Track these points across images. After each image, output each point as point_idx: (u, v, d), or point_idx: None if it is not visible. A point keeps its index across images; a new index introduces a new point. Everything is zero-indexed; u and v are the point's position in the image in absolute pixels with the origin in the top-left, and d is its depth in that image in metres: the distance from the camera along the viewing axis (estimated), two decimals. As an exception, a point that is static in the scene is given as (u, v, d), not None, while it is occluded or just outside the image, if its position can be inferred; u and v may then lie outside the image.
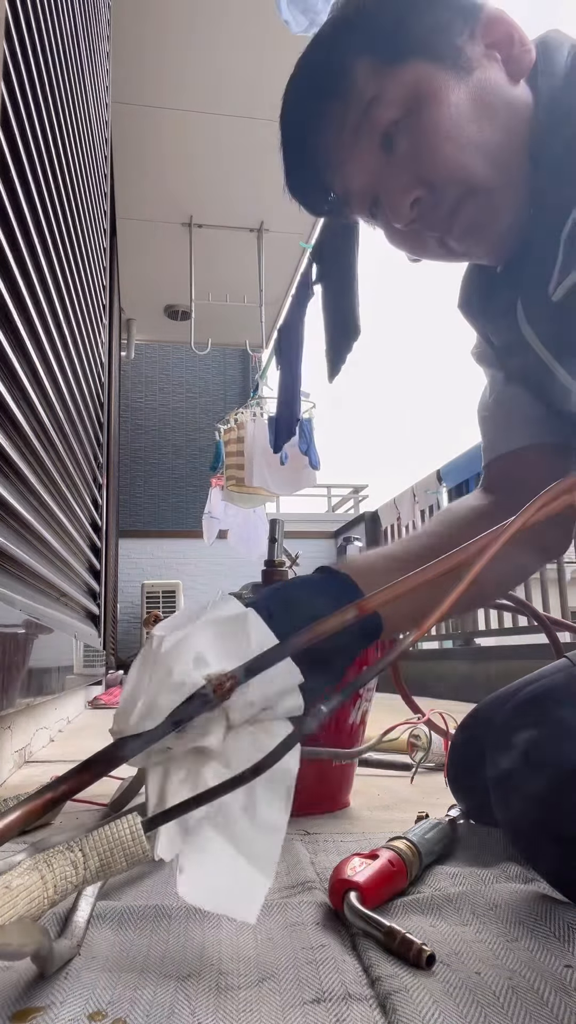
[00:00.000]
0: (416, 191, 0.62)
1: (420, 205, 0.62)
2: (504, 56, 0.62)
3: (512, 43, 0.62)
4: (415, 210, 0.63)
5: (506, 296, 0.69)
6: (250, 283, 4.42)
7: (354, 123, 0.62)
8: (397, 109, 0.61)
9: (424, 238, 0.66)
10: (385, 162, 0.63)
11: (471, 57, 0.61)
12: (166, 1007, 0.42)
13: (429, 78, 0.60)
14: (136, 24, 2.86)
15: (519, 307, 0.67)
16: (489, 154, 0.60)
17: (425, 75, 0.60)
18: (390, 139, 0.62)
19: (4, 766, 1.29)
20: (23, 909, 0.39)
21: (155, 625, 1.07)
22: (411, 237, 0.67)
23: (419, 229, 0.65)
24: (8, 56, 0.90)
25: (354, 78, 0.61)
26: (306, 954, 0.49)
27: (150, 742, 0.45)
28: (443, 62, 0.60)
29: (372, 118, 0.61)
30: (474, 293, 0.76)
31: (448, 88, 0.60)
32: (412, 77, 0.60)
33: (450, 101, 0.59)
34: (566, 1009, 0.41)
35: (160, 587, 5.64)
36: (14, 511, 1.04)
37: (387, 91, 0.61)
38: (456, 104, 0.60)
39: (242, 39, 2.96)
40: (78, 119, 1.59)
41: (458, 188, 0.61)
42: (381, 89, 0.61)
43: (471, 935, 0.51)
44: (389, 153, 0.62)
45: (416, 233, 0.66)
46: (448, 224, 0.63)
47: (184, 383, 7.31)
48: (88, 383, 1.96)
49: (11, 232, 0.97)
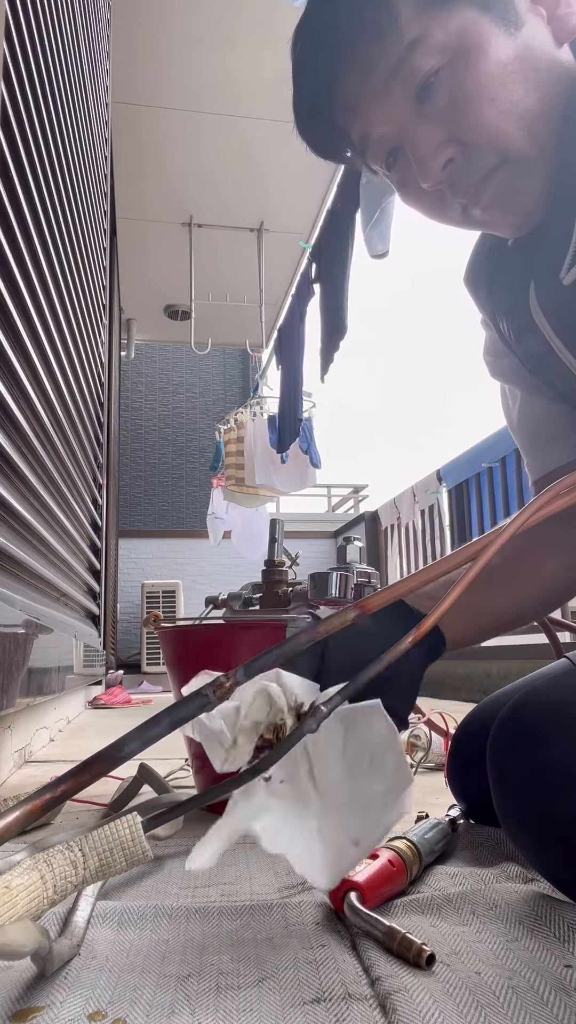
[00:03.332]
0: (450, 151, 0.57)
1: (451, 167, 0.58)
2: (549, 15, 0.58)
3: (559, 2, 0.58)
4: (446, 171, 0.58)
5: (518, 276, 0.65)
6: (250, 283, 4.42)
7: (389, 65, 0.57)
8: (439, 56, 0.56)
9: (446, 201, 0.61)
10: (417, 112, 0.58)
11: (520, 11, 0.56)
12: (166, 1007, 0.42)
13: (477, 28, 0.55)
14: (136, 24, 2.85)
15: (531, 290, 0.64)
16: (529, 122, 0.56)
17: (473, 24, 0.55)
18: (427, 89, 0.57)
19: (4, 766, 1.29)
20: (23, 909, 0.39)
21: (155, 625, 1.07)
22: (432, 199, 0.62)
23: (444, 192, 0.61)
24: (8, 56, 0.90)
25: (396, 14, 0.55)
26: (306, 954, 0.49)
27: (150, 742, 0.45)
28: (492, 12, 0.55)
29: (410, 62, 0.56)
30: (483, 268, 0.72)
31: (496, 43, 0.55)
32: (459, 24, 0.55)
33: (498, 58, 0.55)
34: (566, 1009, 0.41)
35: (160, 587, 5.64)
36: (14, 511, 1.04)
37: (431, 35, 0.55)
38: (503, 62, 0.55)
39: (243, 39, 2.96)
40: (78, 119, 1.59)
41: (494, 155, 0.57)
42: (424, 32, 0.55)
43: (471, 935, 0.51)
44: (423, 103, 0.57)
45: (439, 195, 0.61)
46: (477, 192, 0.59)
47: (184, 383, 7.31)
48: (88, 383, 1.96)
49: (11, 232, 0.97)
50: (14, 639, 1.09)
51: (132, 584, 5.85)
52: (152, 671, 5.23)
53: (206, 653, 1.00)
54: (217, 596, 1.16)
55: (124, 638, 5.80)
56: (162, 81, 3.18)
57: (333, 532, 6.51)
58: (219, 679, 0.45)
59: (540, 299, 0.63)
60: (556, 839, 0.53)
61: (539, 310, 0.63)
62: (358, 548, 1.31)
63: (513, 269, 0.67)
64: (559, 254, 0.58)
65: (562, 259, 0.58)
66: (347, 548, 1.30)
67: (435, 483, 4.41)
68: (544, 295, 0.62)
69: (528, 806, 0.54)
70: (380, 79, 0.58)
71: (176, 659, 1.04)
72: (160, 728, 0.45)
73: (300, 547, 1.39)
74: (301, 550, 1.36)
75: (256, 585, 1.17)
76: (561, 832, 0.52)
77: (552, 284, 0.60)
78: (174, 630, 1.04)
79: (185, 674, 1.03)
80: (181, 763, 1.28)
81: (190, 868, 0.42)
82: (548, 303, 0.62)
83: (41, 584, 1.33)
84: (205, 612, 1.13)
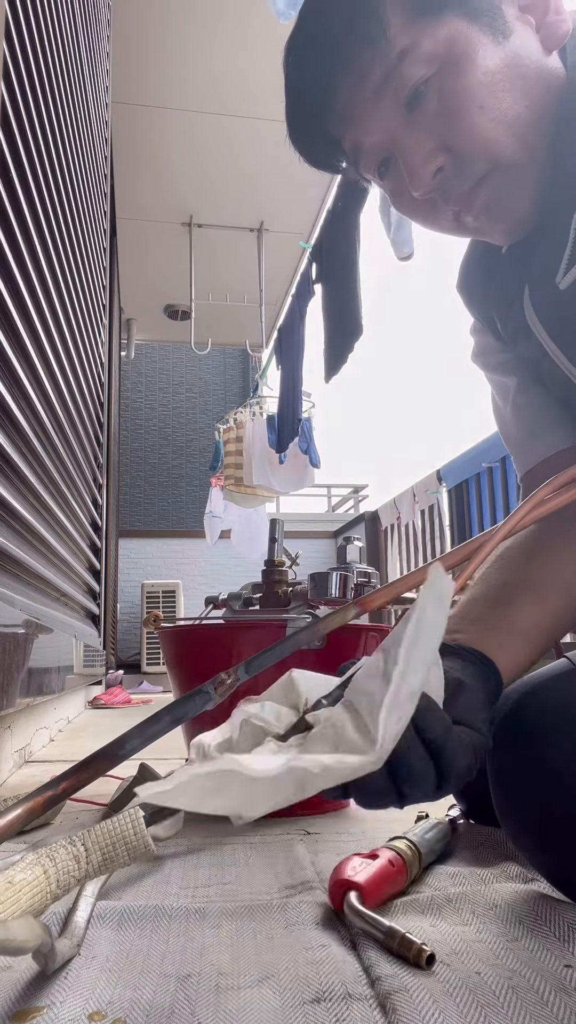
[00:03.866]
0: (440, 159, 0.58)
1: (442, 175, 0.59)
2: (537, 23, 0.58)
3: (547, 9, 0.58)
4: (436, 179, 0.59)
5: (512, 281, 0.66)
6: (250, 283, 4.42)
7: (380, 74, 0.57)
8: (428, 66, 0.56)
9: (438, 209, 0.62)
10: (407, 121, 0.58)
11: (508, 20, 0.57)
12: (166, 1007, 0.42)
13: (465, 36, 0.56)
14: (136, 24, 2.85)
15: (526, 294, 0.64)
16: (519, 130, 0.57)
17: (461, 33, 0.56)
18: (417, 97, 0.57)
19: (4, 766, 1.29)
20: (26, 904, 0.39)
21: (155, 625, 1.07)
22: (424, 207, 0.62)
23: (435, 200, 0.61)
24: (8, 56, 0.90)
25: (385, 25, 0.56)
26: (306, 954, 0.49)
27: (151, 739, 0.45)
28: (480, 21, 0.56)
29: (400, 72, 0.57)
30: (477, 274, 0.72)
31: (485, 51, 0.56)
32: (447, 33, 0.56)
33: (486, 66, 0.56)
34: (566, 1009, 0.41)
35: (160, 587, 5.63)
36: (14, 511, 1.04)
37: (419, 45, 0.56)
38: (492, 70, 0.56)
39: (242, 39, 2.96)
40: (78, 119, 1.59)
41: (484, 162, 0.57)
42: (413, 41, 0.56)
43: (471, 935, 0.51)
44: (413, 112, 0.58)
45: (431, 203, 0.62)
46: (469, 199, 0.59)
47: (184, 383, 7.30)
48: (88, 383, 1.96)
49: (11, 232, 0.97)
50: (14, 639, 1.09)
51: (132, 584, 5.85)
52: (152, 671, 5.22)
53: (206, 653, 1.00)
54: (217, 596, 1.16)
55: (124, 638, 5.80)
56: (162, 81, 3.18)
57: (333, 532, 6.51)
58: (220, 676, 0.45)
59: (535, 303, 0.63)
60: (556, 839, 0.53)
61: (534, 314, 0.63)
62: (358, 548, 1.31)
63: (506, 274, 0.67)
64: (554, 258, 0.58)
65: (558, 263, 0.58)
66: (347, 548, 1.30)
67: (435, 483, 4.41)
68: (539, 299, 0.62)
69: (528, 806, 0.54)
70: (371, 87, 0.58)
71: (176, 659, 1.04)
72: (161, 725, 0.45)
73: (300, 547, 1.39)
74: (301, 550, 1.36)
75: (256, 585, 1.17)
76: (561, 832, 0.52)
77: (547, 288, 0.60)
78: (174, 630, 1.04)
79: (185, 674, 1.03)
80: (181, 763, 1.28)
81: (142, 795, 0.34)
82: (543, 307, 0.62)
83: (41, 584, 1.33)
84: (205, 612, 1.13)
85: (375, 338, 59.52)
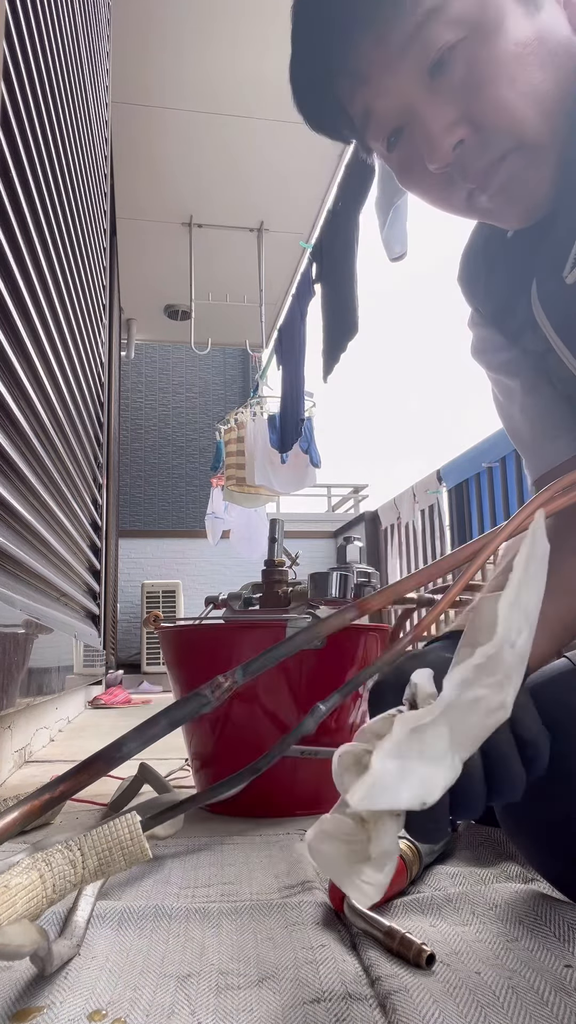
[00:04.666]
0: (461, 131, 0.54)
1: (462, 148, 0.55)
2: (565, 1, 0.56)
3: None
4: (456, 152, 0.55)
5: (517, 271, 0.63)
6: (250, 283, 4.42)
7: (403, 34, 0.53)
8: (456, 30, 0.53)
9: (452, 186, 0.58)
10: (428, 88, 0.55)
11: None
12: (166, 1007, 0.42)
13: (498, 2, 0.52)
14: (136, 24, 2.85)
15: (534, 288, 0.62)
16: (547, 108, 0.53)
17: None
18: (442, 64, 0.53)
19: (4, 766, 1.29)
20: (22, 908, 0.39)
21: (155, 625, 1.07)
22: (438, 182, 0.59)
23: (451, 175, 0.57)
24: (8, 56, 0.90)
25: None
26: (306, 954, 0.49)
27: (149, 741, 0.45)
28: None
29: (426, 34, 0.53)
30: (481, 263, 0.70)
31: (516, 22, 0.53)
32: None
33: (518, 37, 0.52)
34: (566, 1009, 0.41)
35: (160, 587, 5.64)
36: (14, 511, 1.04)
37: (450, 6, 0.52)
38: (523, 42, 0.53)
39: (242, 39, 2.96)
40: (78, 119, 1.59)
41: (509, 139, 0.54)
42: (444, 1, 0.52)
43: (471, 935, 0.51)
44: (436, 79, 0.54)
45: (446, 179, 0.58)
46: (487, 177, 0.56)
47: (184, 383, 7.30)
48: (88, 383, 1.96)
49: (11, 232, 0.97)
50: (14, 639, 1.09)
51: (132, 584, 5.85)
52: (152, 671, 5.23)
53: (206, 653, 1.00)
54: (217, 596, 1.16)
55: (124, 638, 5.80)
56: (162, 81, 3.18)
57: (333, 532, 6.51)
58: (217, 679, 0.45)
59: (542, 296, 0.61)
60: (555, 839, 0.53)
61: (540, 307, 0.62)
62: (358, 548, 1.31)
63: (513, 264, 0.65)
64: (564, 251, 0.57)
65: (566, 256, 0.56)
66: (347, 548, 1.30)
67: (435, 483, 4.41)
68: (546, 292, 0.61)
69: (527, 806, 0.54)
70: (395, 46, 0.54)
71: (176, 659, 1.04)
72: (158, 728, 0.45)
73: (300, 547, 1.39)
74: (301, 550, 1.36)
75: (256, 585, 1.17)
76: (560, 832, 0.52)
77: (555, 281, 0.58)
78: (174, 630, 1.04)
79: (185, 674, 1.03)
80: (181, 763, 1.28)
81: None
82: (550, 300, 0.61)
83: (41, 584, 1.33)
84: (205, 612, 1.13)
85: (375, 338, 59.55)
